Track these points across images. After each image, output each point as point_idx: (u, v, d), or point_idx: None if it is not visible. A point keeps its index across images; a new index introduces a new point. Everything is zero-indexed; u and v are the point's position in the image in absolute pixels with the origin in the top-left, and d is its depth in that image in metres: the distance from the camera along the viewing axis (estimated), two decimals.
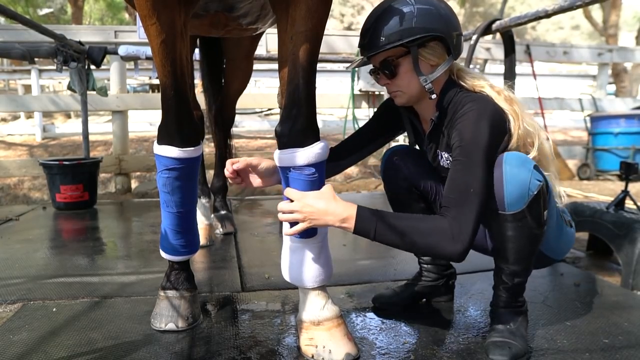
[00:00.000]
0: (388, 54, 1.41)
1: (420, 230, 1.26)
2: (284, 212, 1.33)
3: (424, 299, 1.78)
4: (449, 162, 1.44)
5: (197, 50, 2.90)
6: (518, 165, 1.32)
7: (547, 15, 2.68)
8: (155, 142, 1.52)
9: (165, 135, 1.49)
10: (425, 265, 1.76)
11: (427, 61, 1.40)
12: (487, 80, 1.45)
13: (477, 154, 1.29)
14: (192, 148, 1.50)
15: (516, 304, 1.44)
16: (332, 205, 1.27)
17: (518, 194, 1.31)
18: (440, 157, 1.50)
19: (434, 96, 1.40)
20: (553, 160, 1.46)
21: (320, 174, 1.39)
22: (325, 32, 1.43)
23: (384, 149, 1.77)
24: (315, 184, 1.37)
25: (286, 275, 1.46)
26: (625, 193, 2.43)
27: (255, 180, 1.52)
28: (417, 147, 1.65)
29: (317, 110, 1.46)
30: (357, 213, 1.26)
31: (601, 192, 4.77)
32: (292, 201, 1.32)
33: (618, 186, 4.97)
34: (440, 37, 1.37)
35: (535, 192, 1.31)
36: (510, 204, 1.32)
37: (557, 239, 1.48)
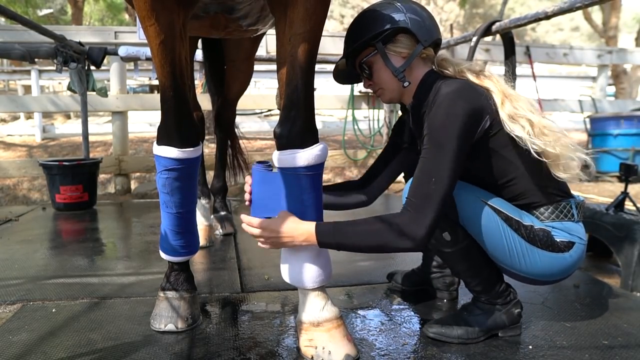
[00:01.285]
0: (361, 57, 1.49)
1: (375, 231, 1.27)
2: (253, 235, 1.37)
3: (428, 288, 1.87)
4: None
5: (198, 52, 2.91)
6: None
7: (547, 16, 2.69)
8: (155, 142, 1.52)
9: (165, 135, 1.49)
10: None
11: (397, 55, 1.45)
12: (467, 63, 1.47)
13: (444, 139, 1.28)
14: (192, 149, 1.50)
15: (483, 302, 1.51)
16: (291, 227, 1.31)
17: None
18: (420, 147, 1.53)
19: (406, 84, 1.43)
20: (562, 137, 1.39)
21: (319, 176, 1.39)
22: (325, 33, 1.43)
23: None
24: (314, 185, 1.37)
25: (286, 277, 1.46)
26: (625, 194, 2.43)
27: None
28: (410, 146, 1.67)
29: (317, 112, 1.47)
30: (316, 230, 1.30)
31: (601, 194, 4.78)
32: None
33: (617, 188, 4.98)
34: (403, 29, 1.41)
35: None
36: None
37: (521, 259, 1.40)
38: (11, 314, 1.67)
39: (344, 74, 1.66)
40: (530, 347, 1.44)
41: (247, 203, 1.50)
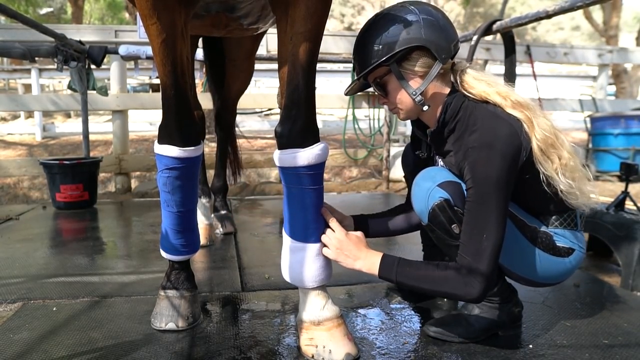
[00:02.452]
0: (375, 75, 1.42)
1: (434, 279, 1.31)
2: (323, 240, 1.42)
3: None
4: (442, 165, 1.49)
5: (199, 51, 2.91)
6: (421, 182, 1.42)
7: (548, 15, 2.69)
8: (156, 141, 1.52)
9: (166, 134, 1.49)
10: None
11: (413, 73, 1.38)
12: (493, 85, 1.39)
13: (490, 194, 1.26)
14: (193, 148, 1.50)
15: (483, 301, 1.49)
16: (363, 254, 1.38)
17: (420, 209, 1.42)
18: (436, 161, 1.54)
19: (425, 108, 1.39)
20: (577, 157, 1.38)
21: (320, 175, 1.39)
22: (326, 32, 1.43)
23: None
24: (315, 184, 1.37)
25: (286, 275, 1.46)
26: (625, 194, 2.43)
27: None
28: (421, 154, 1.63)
29: (318, 111, 1.46)
30: (381, 262, 1.35)
31: (601, 193, 4.77)
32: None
33: (618, 187, 4.97)
34: (418, 46, 1.33)
35: (430, 208, 1.37)
36: (421, 217, 1.44)
37: (523, 258, 1.42)
38: (12, 313, 1.67)
39: (356, 89, 1.56)
40: (531, 346, 1.45)
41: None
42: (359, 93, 1.64)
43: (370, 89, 1.52)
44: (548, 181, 1.34)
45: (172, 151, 1.47)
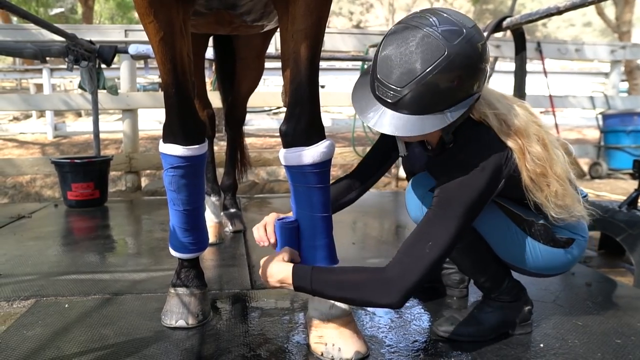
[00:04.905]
0: None
1: (353, 284, 1.23)
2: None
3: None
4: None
5: (209, 50, 2.91)
6: (414, 189, 1.44)
7: (559, 12, 2.66)
8: (161, 140, 1.53)
9: (170, 133, 1.49)
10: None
11: None
12: (493, 106, 1.31)
13: (452, 208, 1.21)
14: (196, 146, 1.51)
15: (493, 300, 1.50)
16: (271, 268, 1.31)
17: (416, 215, 1.43)
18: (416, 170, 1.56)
19: (451, 145, 1.33)
20: (571, 182, 1.36)
21: (326, 173, 1.39)
22: (334, 30, 1.43)
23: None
24: (322, 182, 1.37)
25: None
26: (638, 192, 2.40)
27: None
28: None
29: (326, 109, 1.46)
30: (292, 272, 1.27)
31: (613, 191, 4.73)
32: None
33: (631, 185, 4.92)
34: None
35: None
36: (416, 222, 1.44)
37: (524, 252, 1.41)
38: (25, 309, 1.69)
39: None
40: (542, 345, 1.44)
41: (261, 244, 1.46)
42: None
43: None
44: (537, 206, 1.34)
45: (176, 150, 1.48)
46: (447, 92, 1.16)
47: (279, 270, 1.29)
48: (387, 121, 1.21)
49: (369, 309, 1.70)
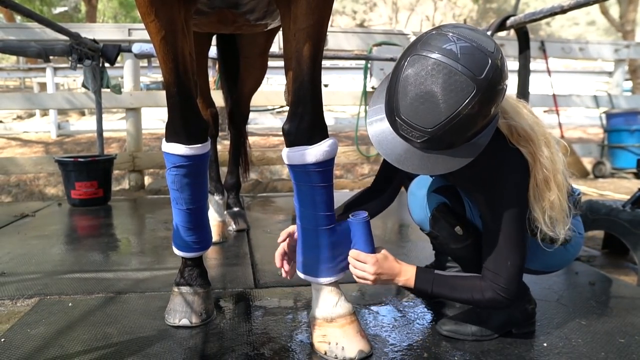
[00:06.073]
0: None
1: (470, 288, 1.34)
2: (356, 274, 1.40)
3: None
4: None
5: (212, 48, 2.91)
6: (416, 191, 1.45)
7: (563, 10, 2.65)
8: (164, 139, 1.53)
9: (172, 132, 1.50)
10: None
11: None
12: (503, 115, 1.32)
13: (510, 226, 1.29)
14: (199, 145, 1.51)
15: None
16: (397, 269, 1.38)
17: (420, 218, 1.47)
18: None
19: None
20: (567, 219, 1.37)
21: (329, 171, 1.39)
22: (337, 29, 1.43)
23: None
24: (325, 181, 1.37)
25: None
26: None
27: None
28: None
29: (330, 108, 1.47)
30: (416, 274, 1.37)
31: (617, 190, 4.71)
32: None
33: (634, 184, 4.90)
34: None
35: (431, 214, 1.41)
36: (422, 226, 1.49)
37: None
38: (29, 308, 1.70)
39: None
40: (545, 344, 1.43)
41: (284, 274, 1.51)
42: (370, 89, 1.62)
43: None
44: (529, 217, 1.33)
45: (178, 149, 1.48)
46: (478, 123, 1.14)
47: (404, 273, 1.37)
48: (417, 162, 1.19)
49: (372, 307, 1.70)
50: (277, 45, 5.00)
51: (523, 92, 3.39)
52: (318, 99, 1.38)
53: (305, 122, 1.35)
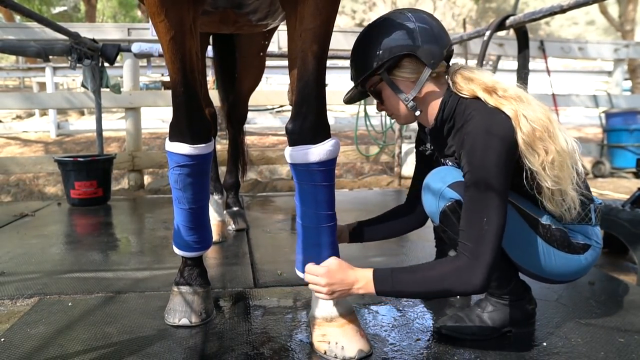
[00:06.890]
0: (370, 83, 1.46)
1: (433, 278, 1.25)
2: (312, 289, 1.36)
3: None
4: (450, 164, 1.49)
5: (209, 48, 2.91)
6: (431, 183, 1.42)
7: (562, 10, 2.65)
8: (167, 139, 1.53)
9: (177, 132, 1.49)
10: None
11: (405, 80, 1.40)
12: (479, 82, 1.38)
13: (489, 178, 1.24)
14: (203, 145, 1.51)
15: (496, 298, 1.48)
16: (353, 277, 1.29)
17: (431, 211, 1.44)
18: (445, 162, 1.53)
19: (418, 113, 1.41)
20: (572, 156, 1.36)
21: (331, 171, 1.39)
22: (337, 28, 1.43)
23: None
24: (327, 180, 1.37)
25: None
26: None
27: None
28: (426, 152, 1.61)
29: (329, 107, 1.47)
30: (374, 277, 1.27)
31: (616, 190, 4.72)
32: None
33: (634, 184, 4.91)
34: (407, 54, 1.35)
35: (442, 210, 1.38)
36: (432, 218, 1.46)
37: (538, 257, 1.40)
38: (28, 308, 1.70)
39: (355, 97, 1.61)
40: (545, 344, 1.43)
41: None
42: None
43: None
44: (532, 177, 1.32)
45: (182, 149, 1.48)
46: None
47: (361, 278, 1.29)
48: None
49: (372, 307, 1.70)
50: (275, 45, 4.99)
51: None
52: (322, 98, 1.38)
53: (309, 121, 1.36)
